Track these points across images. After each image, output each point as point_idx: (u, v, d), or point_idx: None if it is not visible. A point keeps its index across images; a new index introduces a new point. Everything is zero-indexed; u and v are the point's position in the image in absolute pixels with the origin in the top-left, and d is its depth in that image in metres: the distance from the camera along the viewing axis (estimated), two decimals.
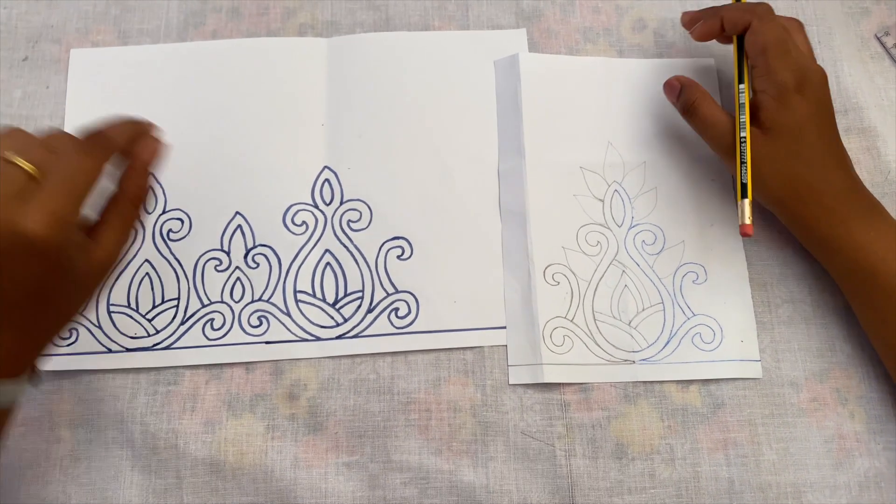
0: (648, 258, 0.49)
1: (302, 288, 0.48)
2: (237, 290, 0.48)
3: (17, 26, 0.55)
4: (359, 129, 0.51)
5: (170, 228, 0.50)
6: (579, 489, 0.44)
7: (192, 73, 0.53)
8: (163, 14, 0.55)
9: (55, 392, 0.47)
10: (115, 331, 0.48)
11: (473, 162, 0.51)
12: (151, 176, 0.41)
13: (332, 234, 0.49)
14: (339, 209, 0.50)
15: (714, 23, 0.47)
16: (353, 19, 0.54)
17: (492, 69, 0.53)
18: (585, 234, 0.49)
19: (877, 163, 0.50)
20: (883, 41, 0.54)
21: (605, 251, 0.49)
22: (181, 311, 0.48)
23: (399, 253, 0.49)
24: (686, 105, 0.47)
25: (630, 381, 0.46)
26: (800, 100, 0.44)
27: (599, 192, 0.50)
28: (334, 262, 0.49)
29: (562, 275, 0.48)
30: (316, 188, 0.50)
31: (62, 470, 0.46)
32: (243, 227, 0.50)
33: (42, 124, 0.52)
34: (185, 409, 0.46)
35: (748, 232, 0.43)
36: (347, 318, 0.48)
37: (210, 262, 0.49)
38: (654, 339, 0.47)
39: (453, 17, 0.54)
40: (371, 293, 0.48)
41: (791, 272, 0.49)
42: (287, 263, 0.49)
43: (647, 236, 0.49)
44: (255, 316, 0.48)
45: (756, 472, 0.44)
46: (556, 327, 0.47)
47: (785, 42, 0.44)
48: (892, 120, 0.52)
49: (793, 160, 0.44)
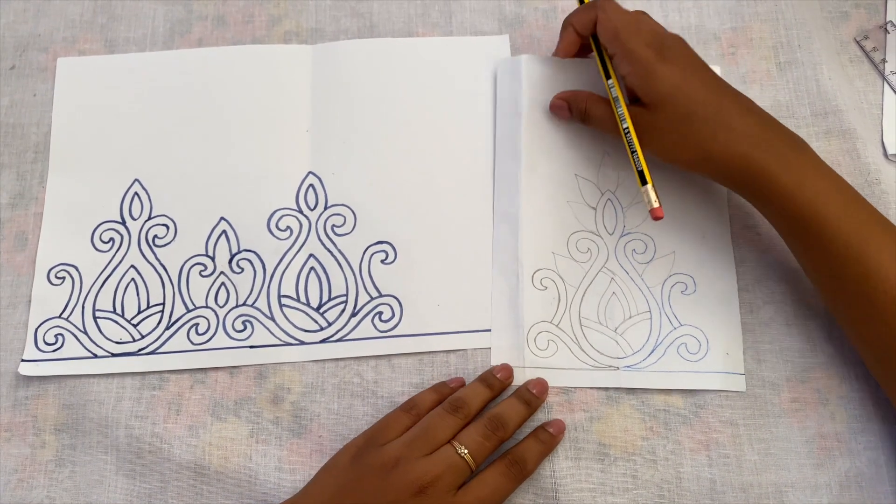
0: (638, 267, 0.49)
1: (286, 292, 0.49)
2: (221, 294, 0.49)
3: (4, 35, 0.55)
4: (343, 135, 0.52)
5: (155, 234, 0.50)
6: (562, 490, 0.45)
7: (178, 81, 0.53)
8: (149, 23, 0.55)
9: (40, 397, 0.47)
10: (100, 336, 0.48)
11: (457, 166, 0.51)
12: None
13: (317, 238, 0.50)
14: (323, 214, 0.50)
15: (568, 34, 0.49)
16: (338, 26, 0.55)
17: (475, 74, 0.53)
18: (576, 240, 0.49)
19: (857, 165, 0.51)
20: (862, 45, 0.55)
21: (594, 258, 0.49)
22: (166, 316, 0.48)
23: (383, 257, 0.49)
24: (580, 115, 0.49)
25: (613, 387, 0.47)
26: (667, 67, 0.44)
27: (593, 200, 0.50)
28: (318, 266, 0.49)
29: (550, 280, 0.48)
30: (300, 193, 0.51)
31: (47, 474, 0.46)
32: (228, 233, 0.50)
33: (29, 132, 0.53)
34: (169, 413, 0.47)
35: (658, 215, 0.44)
36: (331, 322, 0.48)
37: (195, 267, 0.49)
38: (639, 347, 0.47)
39: (437, 24, 0.55)
40: (355, 297, 0.49)
41: (772, 273, 0.49)
42: (271, 268, 0.49)
43: (638, 245, 0.49)
44: (240, 320, 0.48)
45: (738, 473, 0.45)
46: (541, 331, 0.47)
47: (633, 22, 0.46)
48: (872, 123, 0.52)
49: (688, 122, 0.44)
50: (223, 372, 0.47)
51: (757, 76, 0.53)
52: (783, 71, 0.54)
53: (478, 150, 0.52)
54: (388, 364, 0.48)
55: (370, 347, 0.48)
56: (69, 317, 0.48)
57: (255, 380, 0.47)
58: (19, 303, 0.49)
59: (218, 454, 0.46)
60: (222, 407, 0.47)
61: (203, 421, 0.47)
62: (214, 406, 0.47)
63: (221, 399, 0.47)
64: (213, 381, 0.47)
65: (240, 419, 0.47)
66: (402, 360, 0.48)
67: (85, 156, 0.52)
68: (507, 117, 0.51)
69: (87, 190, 0.51)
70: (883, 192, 0.50)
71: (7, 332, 0.49)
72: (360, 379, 0.47)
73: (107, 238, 0.50)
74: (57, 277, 0.49)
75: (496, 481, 0.42)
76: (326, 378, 0.47)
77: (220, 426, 0.46)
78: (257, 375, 0.47)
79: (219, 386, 0.47)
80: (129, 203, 0.51)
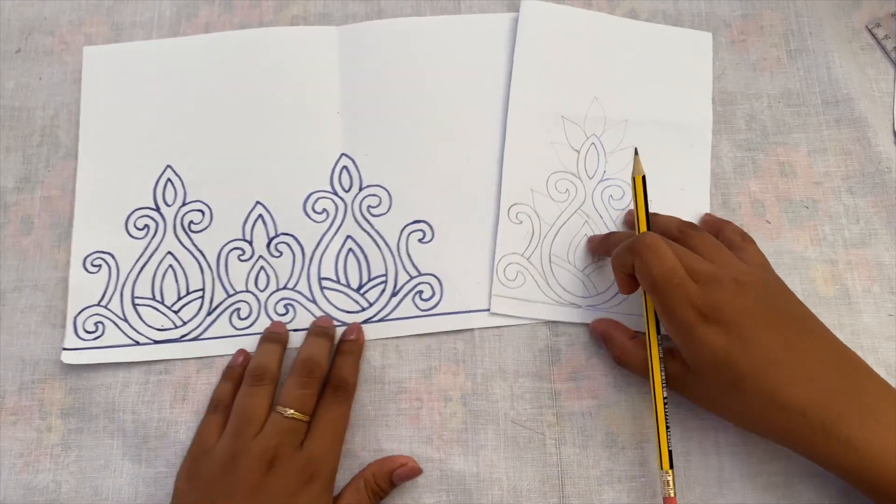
0: (613, 213, 0.50)
1: (326, 275, 0.49)
2: (262, 279, 0.49)
3: (10, 18, 0.55)
4: (374, 116, 0.52)
5: (191, 220, 0.50)
6: (569, 477, 0.44)
7: (207, 65, 0.53)
8: (155, 6, 0.55)
9: (46, 381, 0.47)
10: (141, 323, 0.48)
11: (490, 142, 0.51)
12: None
13: (353, 220, 0.50)
14: (358, 195, 0.50)
15: (618, 276, 0.42)
16: (346, 11, 0.54)
17: (503, 52, 0.53)
18: (556, 180, 0.50)
19: (867, 153, 0.50)
20: (874, 32, 0.54)
21: (572, 199, 0.50)
22: (207, 301, 0.48)
23: (420, 236, 0.49)
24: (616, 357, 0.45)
25: (572, 321, 0.47)
26: (710, 330, 0.38)
27: (577, 143, 0.51)
28: (357, 247, 0.49)
29: (526, 215, 0.49)
30: (335, 175, 0.51)
31: (53, 458, 0.46)
32: (264, 217, 0.50)
33: (35, 116, 0.53)
34: (176, 398, 0.47)
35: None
36: (372, 303, 0.48)
37: (233, 252, 0.49)
38: (604, 289, 0.48)
39: (445, 10, 0.54)
40: (395, 277, 0.49)
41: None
42: (310, 251, 0.49)
43: (616, 191, 0.50)
44: (282, 304, 0.48)
45: (746, 461, 0.44)
46: (511, 263, 0.48)
47: (671, 271, 0.38)
48: (883, 110, 0.52)
49: (734, 392, 0.38)
50: (228, 357, 0.47)
51: (767, 64, 0.53)
52: (794, 59, 0.53)
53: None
54: (395, 350, 0.47)
55: (412, 326, 0.48)
56: (108, 304, 0.48)
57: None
58: (24, 287, 0.49)
59: None
60: None
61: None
62: None
63: None
64: (220, 366, 0.47)
65: None
66: (409, 346, 0.47)
67: (115, 143, 0.51)
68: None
69: (119, 177, 0.51)
70: (894, 181, 0.49)
71: (13, 315, 0.48)
72: (367, 365, 0.47)
73: (141, 225, 0.50)
74: (93, 265, 0.49)
75: (330, 414, 0.43)
76: None
77: None
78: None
79: None
80: (163, 189, 0.50)
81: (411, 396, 0.46)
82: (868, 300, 0.48)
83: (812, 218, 0.50)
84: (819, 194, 0.50)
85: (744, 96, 0.52)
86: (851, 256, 0.49)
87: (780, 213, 0.50)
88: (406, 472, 0.44)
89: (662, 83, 0.52)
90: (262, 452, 0.40)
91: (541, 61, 0.52)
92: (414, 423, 0.46)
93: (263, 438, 0.41)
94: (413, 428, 0.46)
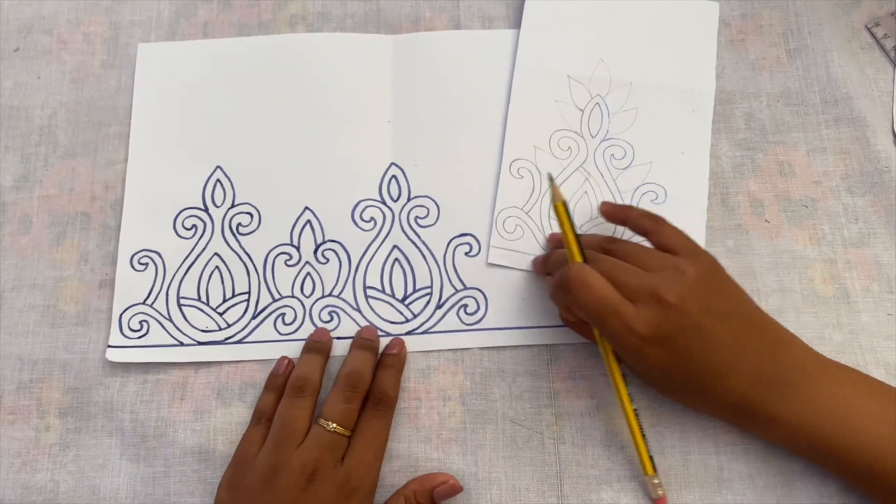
0: (614, 171, 0.50)
1: (371, 283, 0.48)
2: (307, 285, 0.48)
3: (8, 17, 0.55)
4: (425, 127, 0.51)
5: (239, 222, 0.50)
6: (568, 477, 0.44)
7: (260, 67, 0.53)
8: (154, 5, 0.55)
9: (44, 380, 0.47)
10: (185, 323, 0.48)
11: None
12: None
13: (400, 230, 0.49)
14: (406, 205, 0.50)
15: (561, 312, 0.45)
16: (345, 10, 0.54)
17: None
18: (559, 138, 0.51)
19: (867, 153, 0.50)
20: (873, 32, 0.54)
21: (573, 157, 0.51)
22: (252, 305, 0.48)
23: (467, 250, 0.49)
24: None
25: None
26: (653, 351, 0.39)
27: (581, 103, 0.52)
28: (403, 258, 0.49)
29: (527, 170, 0.50)
30: (383, 184, 0.50)
31: (51, 458, 0.46)
32: (312, 223, 0.50)
33: (33, 115, 0.53)
34: (174, 397, 0.46)
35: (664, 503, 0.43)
36: (417, 314, 0.48)
37: (280, 256, 0.49)
38: None
39: (444, 9, 0.54)
40: (440, 289, 0.48)
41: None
42: (356, 259, 0.49)
43: (617, 151, 0.51)
44: (327, 311, 0.48)
45: (745, 460, 0.44)
46: (510, 216, 0.49)
47: (604, 301, 0.39)
48: (882, 110, 0.52)
49: (683, 391, 0.42)
50: (268, 361, 0.47)
51: (766, 63, 0.53)
52: (793, 58, 0.53)
53: None
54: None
55: (456, 340, 0.47)
56: (153, 303, 0.48)
57: (259, 364, 0.47)
58: (23, 286, 0.49)
59: (223, 439, 0.46)
60: (227, 392, 0.47)
61: (208, 406, 0.46)
62: (219, 391, 0.47)
63: (226, 384, 0.47)
64: (218, 366, 0.47)
65: (245, 404, 0.46)
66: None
67: (166, 142, 0.51)
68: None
69: (169, 176, 0.50)
70: (893, 181, 0.49)
71: (11, 315, 0.48)
72: None
73: (189, 225, 0.50)
74: (140, 263, 0.49)
75: (371, 428, 0.43)
76: (333, 365, 0.47)
77: (224, 411, 0.46)
78: (260, 361, 0.47)
79: (224, 371, 0.47)
80: (212, 190, 0.50)
81: (410, 396, 0.46)
82: (867, 299, 0.48)
83: (811, 217, 0.50)
84: (818, 193, 0.50)
85: (743, 95, 0.52)
86: (850, 256, 0.49)
87: (779, 212, 0.50)
88: (447, 490, 0.43)
89: (668, 48, 0.53)
90: (302, 466, 0.40)
91: (549, 21, 0.53)
92: (413, 422, 0.46)
93: (304, 451, 0.41)
94: (412, 427, 0.46)
